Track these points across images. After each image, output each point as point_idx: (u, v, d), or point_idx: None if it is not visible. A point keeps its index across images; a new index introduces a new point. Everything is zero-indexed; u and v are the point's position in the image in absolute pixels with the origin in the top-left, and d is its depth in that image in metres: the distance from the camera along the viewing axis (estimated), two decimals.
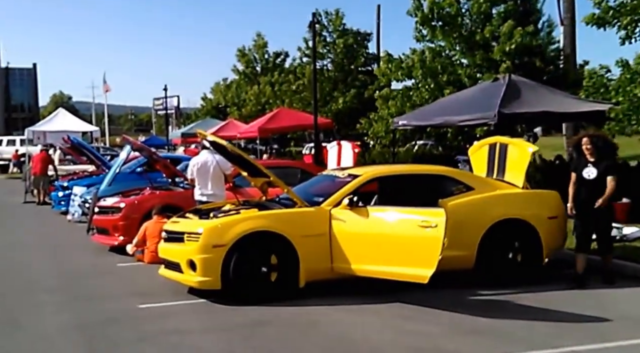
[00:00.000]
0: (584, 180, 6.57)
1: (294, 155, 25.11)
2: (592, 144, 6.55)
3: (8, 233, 11.51)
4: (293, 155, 24.91)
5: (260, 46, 32.59)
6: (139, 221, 8.81)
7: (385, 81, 16.54)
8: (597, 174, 6.49)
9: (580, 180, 6.62)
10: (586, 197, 6.56)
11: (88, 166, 20.21)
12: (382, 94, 16.80)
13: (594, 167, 6.53)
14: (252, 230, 6.08)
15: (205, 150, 8.27)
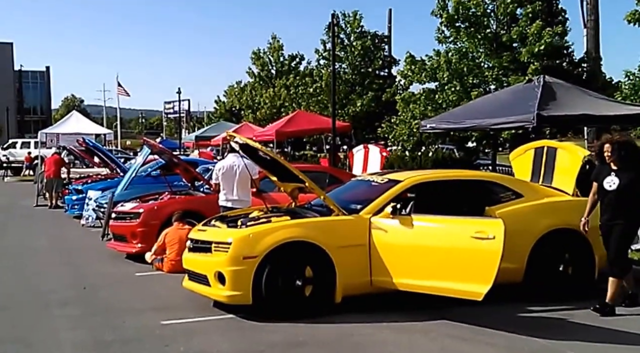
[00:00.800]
0: (605, 190, 5.73)
1: (309, 158, 24.63)
2: (614, 150, 5.70)
3: (19, 238, 11.10)
4: (308, 159, 24.44)
5: (275, 49, 32.17)
6: (159, 228, 8.35)
7: (407, 83, 16.02)
8: (619, 185, 5.63)
9: (600, 191, 5.80)
10: (605, 209, 5.75)
11: (101, 169, 19.92)
12: (404, 97, 16.30)
13: (616, 177, 5.67)
14: (286, 241, 5.59)
15: (231, 154, 7.79)
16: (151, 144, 9.72)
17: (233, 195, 7.67)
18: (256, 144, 6.18)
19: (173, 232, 7.84)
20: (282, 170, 6.50)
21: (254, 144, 6.18)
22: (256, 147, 6.15)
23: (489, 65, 14.05)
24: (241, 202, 7.65)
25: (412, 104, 15.67)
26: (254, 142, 6.19)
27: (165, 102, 63.89)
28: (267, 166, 6.79)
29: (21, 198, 18.78)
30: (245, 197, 7.71)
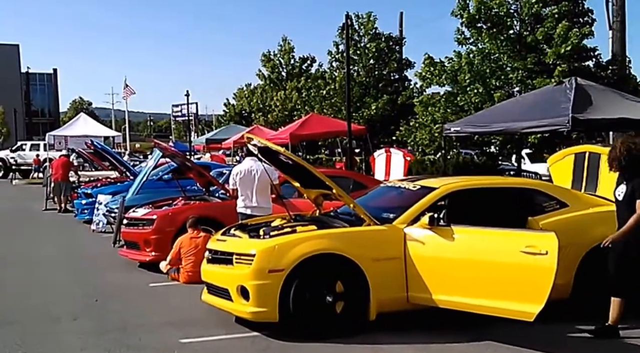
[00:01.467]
0: (616, 200, 5.12)
1: (324, 162, 24.20)
2: (616, 155, 4.97)
3: (27, 245, 10.71)
4: (322, 163, 24.01)
5: (286, 51, 31.74)
6: (173, 235, 7.93)
7: (425, 85, 15.53)
8: (624, 195, 5.00)
9: (615, 201, 5.18)
10: (617, 221, 5.08)
11: (110, 172, 19.57)
12: (422, 99, 15.82)
13: (624, 185, 5.03)
14: (315, 253, 5.14)
15: (249, 158, 7.37)
16: (163, 147, 9.31)
17: (252, 202, 7.24)
18: (278, 146, 5.75)
19: (188, 241, 7.42)
20: (305, 175, 6.07)
21: (275, 147, 5.74)
22: (277, 150, 5.71)
23: (512, 67, 13.54)
24: (261, 209, 7.23)
25: (431, 107, 15.19)
26: (275, 145, 5.75)
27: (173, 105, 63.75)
28: (288, 171, 6.36)
29: (30, 202, 18.44)
30: (265, 203, 7.28)
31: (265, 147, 5.95)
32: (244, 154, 7.83)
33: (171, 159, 9.31)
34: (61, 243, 10.89)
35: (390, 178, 10.04)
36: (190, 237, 7.45)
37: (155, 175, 12.72)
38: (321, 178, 5.60)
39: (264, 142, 5.80)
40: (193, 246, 7.34)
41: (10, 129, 60.19)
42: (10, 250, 9.92)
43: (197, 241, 7.40)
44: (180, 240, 7.44)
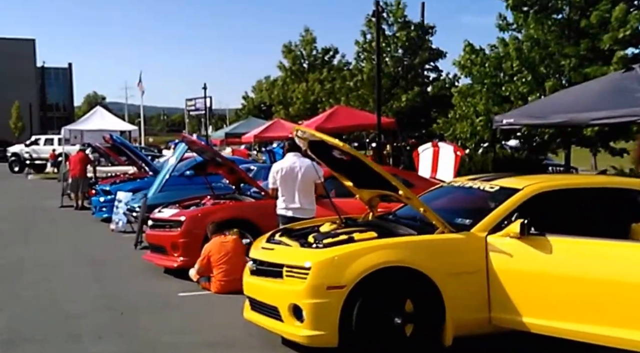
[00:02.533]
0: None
1: None
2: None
3: (43, 246, 10.03)
4: None
5: (308, 42, 30.74)
6: (203, 238, 7.18)
7: (465, 74, 14.55)
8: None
9: None
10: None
11: (127, 167, 18.91)
12: (461, 90, 14.84)
13: None
14: (382, 266, 4.35)
15: (291, 153, 6.57)
16: (190, 140, 8.52)
17: (294, 203, 6.44)
18: (336, 140, 4.93)
19: (217, 246, 6.64)
20: (361, 174, 5.27)
21: (334, 140, 4.93)
22: (335, 144, 4.89)
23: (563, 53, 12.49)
24: (304, 211, 6.44)
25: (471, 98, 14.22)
26: (332, 139, 4.94)
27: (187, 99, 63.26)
28: (341, 168, 5.56)
29: (45, 198, 17.85)
30: (309, 205, 6.49)
31: (318, 140, 5.14)
32: (284, 148, 6.91)
33: (199, 154, 8.54)
34: (80, 244, 10.20)
35: (438, 175, 9.20)
36: (220, 243, 6.67)
37: (177, 171, 11.99)
38: (387, 178, 4.78)
39: (318, 135, 4.98)
40: (223, 253, 6.57)
41: (25, 123, 60.17)
42: (27, 253, 9.24)
43: (227, 247, 6.63)
44: (209, 248, 6.67)
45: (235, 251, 6.60)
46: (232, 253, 6.53)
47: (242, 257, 6.66)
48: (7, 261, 8.50)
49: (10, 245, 9.97)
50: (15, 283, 7.18)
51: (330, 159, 5.51)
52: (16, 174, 31.65)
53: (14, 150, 33.61)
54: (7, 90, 62.27)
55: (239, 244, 6.72)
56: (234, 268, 6.50)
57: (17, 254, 9.05)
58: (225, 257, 6.51)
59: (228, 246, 6.59)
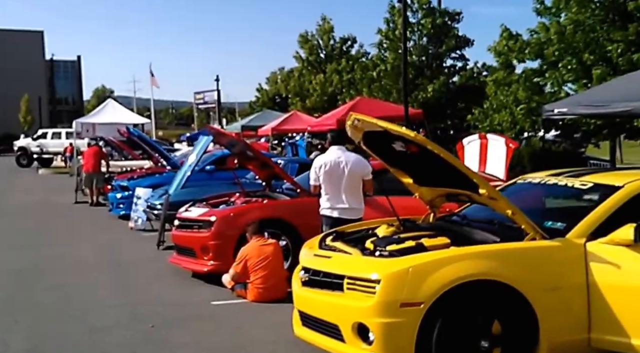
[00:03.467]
0: None
1: None
2: None
3: (60, 246, 9.45)
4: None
5: (325, 31, 29.83)
6: (236, 240, 6.56)
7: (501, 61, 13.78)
8: None
9: None
10: None
11: (142, 162, 18.33)
12: (497, 78, 14.07)
13: None
14: (466, 280, 3.69)
15: (336, 147, 5.91)
16: (219, 132, 7.85)
17: (340, 202, 5.78)
18: (404, 129, 4.25)
19: (255, 250, 5.99)
20: (427, 169, 4.60)
21: (400, 129, 4.25)
22: (403, 134, 4.20)
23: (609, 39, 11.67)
24: (352, 211, 5.79)
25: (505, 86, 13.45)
26: (400, 128, 4.26)
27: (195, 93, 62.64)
28: (399, 163, 4.90)
29: (58, 193, 17.32)
30: (356, 204, 5.83)
31: (375, 131, 4.46)
32: (328, 140, 6.17)
33: (227, 147, 7.89)
34: (98, 243, 9.62)
35: (487, 170, 8.52)
36: (259, 246, 6.05)
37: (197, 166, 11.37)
38: (469, 174, 4.10)
39: (381, 124, 4.28)
40: (262, 257, 5.94)
41: (34, 117, 59.78)
42: (43, 253, 8.67)
43: (266, 250, 6.00)
44: (246, 251, 6.03)
45: (276, 256, 5.98)
46: (272, 258, 5.91)
47: (282, 263, 6.05)
48: (23, 263, 7.93)
49: (26, 245, 9.41)
50: (32, 289, 6.60)
51: (388, 152, 4.86)
52: (24, 168, 31.21)
53: (20, 144, 33.04)
54: (16, 83, 61.69)
55: (279, 248, 6.09)
56: (274, 275, 5.90)
57: (33, 255, 8.49)
58: (264, 262, 5.88)
59: (268, 250, 5.96)
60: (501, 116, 13.04)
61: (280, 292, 5.88)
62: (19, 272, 7.36)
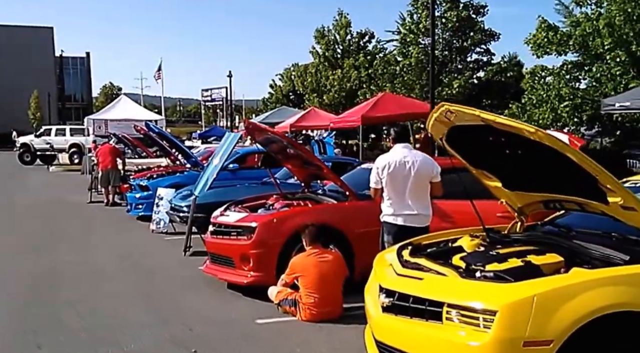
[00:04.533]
0: None
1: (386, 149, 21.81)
2: None
3: (78, 250, 8.76)
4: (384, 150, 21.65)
5: (342, 26, 29.02)
6: (280, 249, 5.83)
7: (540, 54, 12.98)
8: None
9: None
10: None
11: (157, 160, 17.65)
12: (534, 71, 13.27)
13: None
14: (606, 312, 2.95)
15: (400, 144, 5.16)
16: (257, 128, 7.06)
17: (406, 208, 5.04)
18: (518, 123, 3.48)
19: (311, 267, 5.17)
20: (529, 171, 3.87)
21: (513, 123, 3.47)
22: (518, 129, 3.41)
23: None
24: (418, 218, 5.05)
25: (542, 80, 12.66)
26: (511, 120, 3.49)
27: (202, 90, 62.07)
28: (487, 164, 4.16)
29: (71, 192, 16.65)
30: (423, 209, 5.09)
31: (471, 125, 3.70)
32: (391, 137, 5.40)
33: (264, 144, 7.13)
34: (118, 248, 8.92)
35: None
36: (317, 261, 5.18)
37: None
38: (604, 178, 3.33)
39: (487, 117, 3.50)
40: (319, 276, 5.10)
41: (43, 114, 59.24)
42: (60, 259, 7.96)
43: (325, 268, 5.16)
44: (300, 265, 5.26)
45: (336, 273, 5.20)
46: (331, 276, 5.15)
47: (342, 279, 5.29)
48: (40, 271, 7.23)
49: (42, 249, 8.72)
50: (52, 302, 5.89)
51: (474, 151, 4.12)
52: (27, 165, 30.61)
53: (23, 141, 32.33)
54: (25, 79, 61.24)
55: (340, 262, 5.31)
56: (332, 295, 5.14)
57: (49, 261, 7.79)
58: (321, 283, 5.07)
59: (326, 267, 5.15)
60: (542, 111, 12.23)
61: (335, 312, 5.16)
62: (35, 282, 6.67)
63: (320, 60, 28.62)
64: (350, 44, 29.18)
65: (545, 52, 12.56)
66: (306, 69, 30.19)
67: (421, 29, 21.05)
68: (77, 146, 31.33)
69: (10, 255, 8.28)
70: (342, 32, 29.15)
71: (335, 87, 27.06)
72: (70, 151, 31.03)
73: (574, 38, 11.80)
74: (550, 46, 12.23)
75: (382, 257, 4.21)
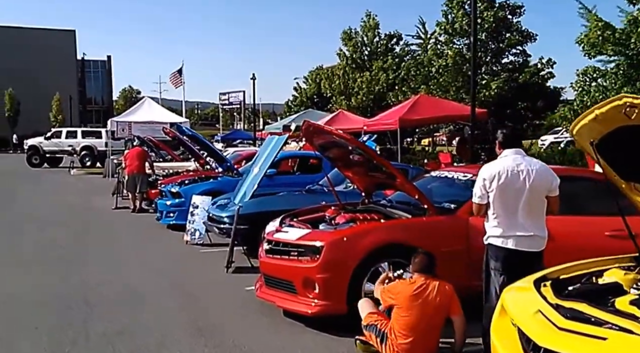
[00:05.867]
0: None
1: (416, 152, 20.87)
2: None
3: (105, 265, 7.94)
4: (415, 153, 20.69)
5: (370, 28, 28.15)
6: (351, 273, 4.92)
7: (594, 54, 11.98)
8: None
9: None
10: None
11: (184, 163, 16.90)
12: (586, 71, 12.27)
13: None
14: None
15: (511, 150, 4.22)
16: (320, 129, 6.04)
17: (519, 228, 4.09)
18: None
19: (412, 298, 4.13)
20: None
21: None
22: None
23: None
24: (533, 241, 4.11)
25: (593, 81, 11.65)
26: None
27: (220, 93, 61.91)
28: None
29: (95, 197, 15.98)
30: (539, 230, 4.15)
31: None
32: (497, 141, 4.43)
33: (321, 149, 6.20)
34: (152, 262, 8.08)
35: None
36: (422, 295, 4.13)
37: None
38: None
39: None
40: (419, 314, 4.09)
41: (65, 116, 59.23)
42: (89, 278, 7.12)
43: (429, 305, 4.12)
44: (401, 290, 4.20)
45: (441, 315, 4.19)
46: (435, 319, 4.17)
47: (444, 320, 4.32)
48: (68, 293, 6.36)
49: (69, 262, 7.92)
50: (88, 335, 5.01)
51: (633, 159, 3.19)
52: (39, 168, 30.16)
53: (32, 143, 31.75)
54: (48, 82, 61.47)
55: (450, 301, 4.21)
56: (429, 340, 4.18)
57: (79, 280, 6.93)
58: (422, 324, 4.10)
59: (431, 306, 4.11)
60: None
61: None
62: (64, 309, 5.80)
63: (347, 62, 27.77)
64: (378, 46, 28.30)
65: (599, 52, 11.55)
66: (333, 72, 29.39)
67: (456, 28, 20.12)
68: (89, 148, 30.83)
69: (35, 271, 7.46)
70: (370, 34, 28.29)
71: (363, 89, 26.22)
72: (82, 154, 30.53)
73: (637, 34, 10.73)
74: (604, 46, 11.20)
75: (517, 293, 3.28)
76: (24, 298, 6.12)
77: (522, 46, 19.50)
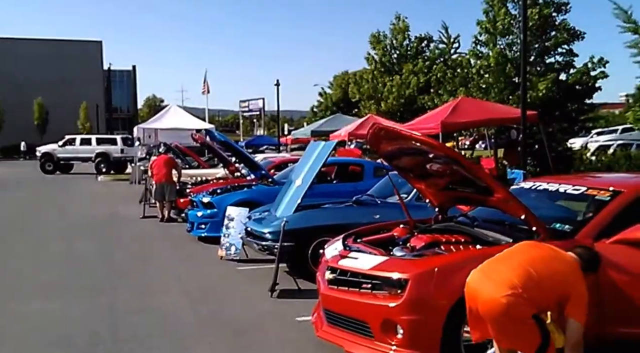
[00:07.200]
0: None
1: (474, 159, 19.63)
2: None
3: (137, 286, 7.01)
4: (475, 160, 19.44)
5: (400, 30, 27.09)
6: (446, 315, 3.87)
7: None
8: None
9: None
10: None
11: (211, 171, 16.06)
12: None
13: None
14: None
15: None
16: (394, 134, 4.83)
17: None
18: None
19: None
20: None
21: None
22: None
23: None
24: None
25: None
26: None
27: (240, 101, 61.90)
28: None
29: (122, 205, 15.25)
30: None
31: None
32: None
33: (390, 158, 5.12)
34: (187, 283, 7.11)
35: None
36: None
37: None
38: None
39: None
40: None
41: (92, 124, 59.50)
42: (121, 305, 6.17)
43: None
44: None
45: None
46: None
47: None
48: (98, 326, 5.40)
49: (97, 287, 6.95)
50: None
51: None
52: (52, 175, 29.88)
53: (45, 150, 31.34)
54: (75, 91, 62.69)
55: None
56: None
57: (109, 309, 5.98)
58: None
59: None
60: None
61: None
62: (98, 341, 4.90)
63: (376, 66, 26.71)
64: (407, 49, 27.16)
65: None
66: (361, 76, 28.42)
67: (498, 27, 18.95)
68: (104, 155, 30.46)
69: (62, 296, 6.55)
70: (399, 37, 27.16)
71: (393, 93, 25.13)
72: (97, 160, 30.21)
73: None
74: None
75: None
76: (48, 330, 5.24)
77: (568, 45, 18.21)
